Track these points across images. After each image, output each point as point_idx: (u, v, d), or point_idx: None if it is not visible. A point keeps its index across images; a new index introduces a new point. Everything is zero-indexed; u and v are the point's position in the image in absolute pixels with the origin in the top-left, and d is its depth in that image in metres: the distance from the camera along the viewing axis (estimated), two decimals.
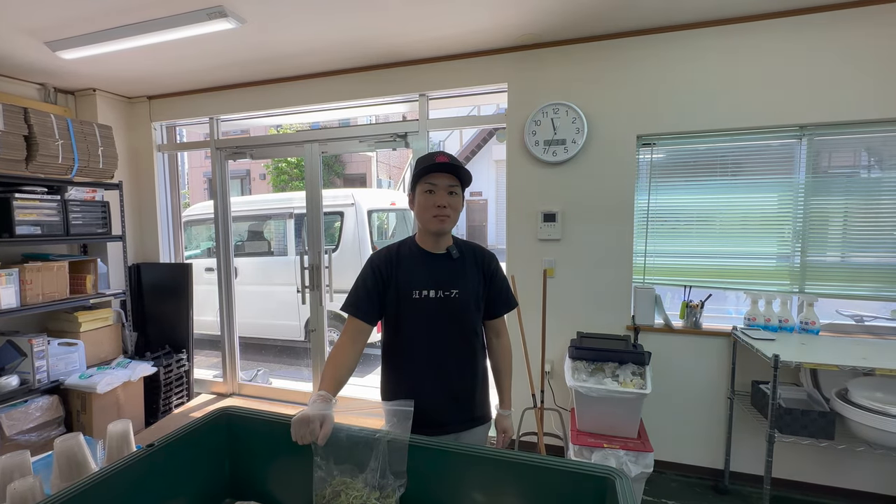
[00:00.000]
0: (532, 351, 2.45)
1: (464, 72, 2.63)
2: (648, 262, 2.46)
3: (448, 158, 1.24)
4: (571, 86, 2.44)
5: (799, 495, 2.24)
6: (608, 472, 0.81)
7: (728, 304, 3.10)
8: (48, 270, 2.62)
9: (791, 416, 1.88)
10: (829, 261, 2.23)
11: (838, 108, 2.09)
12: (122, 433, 1.02)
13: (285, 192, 8.24)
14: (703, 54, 2.24)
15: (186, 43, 2.33)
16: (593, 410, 2.02)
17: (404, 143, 2.88)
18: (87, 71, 2.82)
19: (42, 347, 2.59)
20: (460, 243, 1.36)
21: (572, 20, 2.20)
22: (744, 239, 2.33)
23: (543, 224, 2.53)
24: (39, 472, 0.94)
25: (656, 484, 2.35)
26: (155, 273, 3.44)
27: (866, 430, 1.79)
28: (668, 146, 2.40)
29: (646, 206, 2.44)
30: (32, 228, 2.52)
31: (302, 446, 0.93)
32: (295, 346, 5.09)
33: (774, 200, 2.28)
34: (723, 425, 2.35)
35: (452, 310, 1.28)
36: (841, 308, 2.39)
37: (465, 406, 1.33)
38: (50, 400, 2.63)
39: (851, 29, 2.04)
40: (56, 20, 2.13)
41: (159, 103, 3.38)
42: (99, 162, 2.83)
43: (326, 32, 2.31)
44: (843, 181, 2.21)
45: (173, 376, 3.22)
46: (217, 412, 1.07)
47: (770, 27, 2.14)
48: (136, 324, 3.33)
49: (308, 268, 3.16)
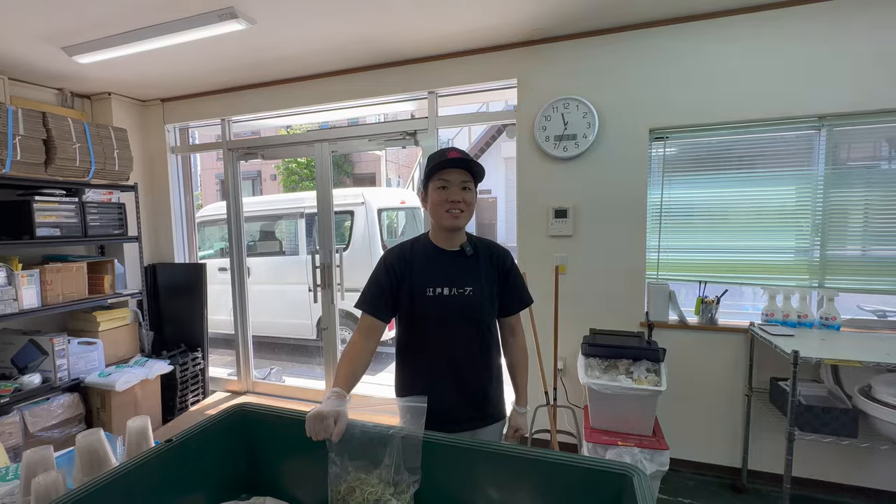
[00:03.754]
0: (545, 348, 2.44)
1: (472, 68, 2.62)
2: (662, 258, 2.43)
3: (460, 154, 1.23)
4: (582, 80, 2.41)
5: (820, 494, 2.19)
6: (626, 469, 0.80)
7: (745, 300, 3.04)
8: (67, 271, 2.68)
9: (812, 413, 1.84)
10: (850, 254, 2.17)
11: (859, 98, 2.03)
12: (140, 429, 1.04)
13: (296, 192, 8.30)
14: (717, 45, 2.19)
15: (198, 45, 2.36)
16: (607, 408, 2.00)
17: (413, 140, 2.88)
18: (102, 75, 2.88)
19: (63, 346, 2.65)
20: (475, 240, 1.35)
21: (582, 13, 2.17)
22: (760, 233, 2.28)
23: (555, 220, 2.51)
24: (62, 466, 0.96)
25: (672, 482, 2.32)
26: (170, 273, 3.50)
27: (891, 427, 1.73)
28: (681, 140, 2.36)
29: (659, 201, 2.40)
30: (52, 230, 2.58)
31: (316, 442, 0.94)
32: (307, 344, 5.13)
33: (792, 193, 2.23)
34: (740, 423, 2.31)
35: (466, 307, 1.27)
36: (863, 303, 2.33)
37: (479, 403, 1.33)
38: (71, 397, 2.69)
39: (874, 15, 1.98)
40: (72, 25, 2.17)
41: (172, 106, 3.43)
42: (115, 164, 2.89)
43: (335, 32, 2.31)
44: (863, 173, 2.16)
45: (189, 374, 3.27)
46: (232, 409, 1.08)
47: (788, 15, 2.08)
48: (152, 323, 3.39)
49: (319, 267, 3.18)
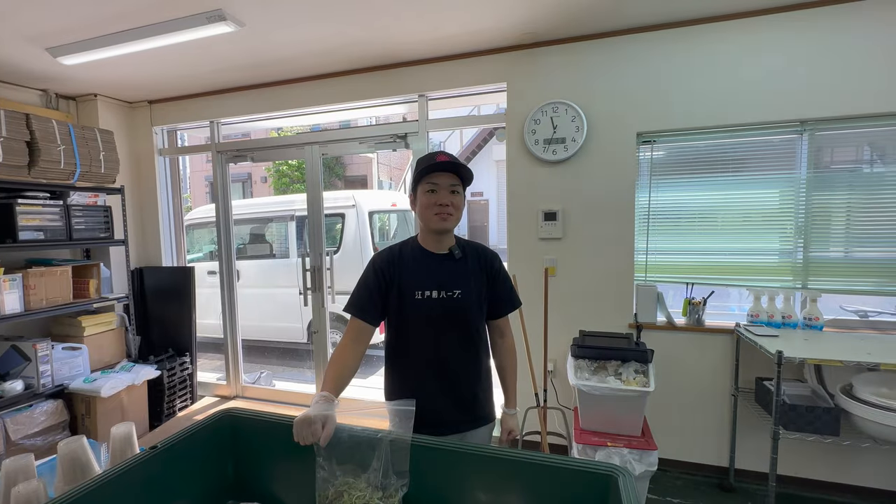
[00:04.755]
0: (534, 350, 2.45)
1: (463, 72, 2.63)
2: (650, 260, 2.46)
3: (449, 157, 1.24)
4: (570, 84, 2.44)
5: (804, 492, 2.23)
6: (611, 470, 0.81)
7: (731, 301, 3.09)
8: (51, 275, 2.63)
9: (795, 412, 1.87)
10: (833, 256, 2.22)
11: (839, 103, 2.08)
12: (125, 436, 1.02)
13: (287, 195, 8.24)
14: (702, 51, 2.24)
15: (186, 47, 2.34)
16: (596, 409, 2.01)
17: (404, 143, 2.88)
18: (88, 76, 2.84)
19: (46, 352, 2.60)
20: (463, 243, 1.35)
21: (571, 18, 2.19)
22: (746, 235, 2.32)
23: (544, 223, 2.52)
24: (44, 475, 0.94)
25: (661, 482, 2.34)
26: (157, 277, 3.45)
27: (872, 425, 1.78)
28: (668, 143, 2.40)
29: (647, 204, 2.43)
30: (35, 234, 2.53)
31: (304, 447, 0.93)
32: (297, 348, 5.10)
33: (776, 196, 2.27)
34: (727, 422, 2.34)
35: (455, 310, 1.28)
36: (845, 304, 2.38)
37: (468, 406, 1.33)
38: (54, 404, 2.64)
39: (851, 23, 2.04)
40: (57, 26, 2.14)
41: (160, 107, 3.40)
42: (101, 167, 2.85)
43: (325, 35, 2.31)
44: (845, 176, 2.20)
45: (177, 379, 3.23)
46: (219, 414, 1.07)
47: (770, 22, 2.13)
48: (139, 327, 3.34)
49: (310, 270, 3.17)
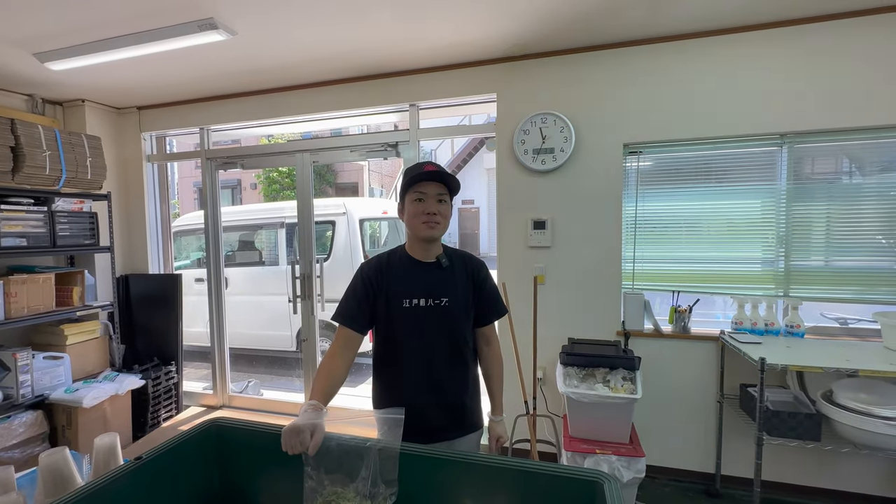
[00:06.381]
0: (524, 357, 2.46)
1: (453, 82, 2.66)
2: (637, 268, 2.49)
3: (436, 167, 1.26)
4: (559, 95, 2.49)
5: (790, 497, 2.26)
6: (597, 476, 0.82)
7: (716, 309, 3.14)
8: (34, 283, 2.58)
9: (778, 418, 1.91)
10: (813, 265, 2.27)
11: (816, 117, 2.15)
12: (108, 447, 1.01)
13: (277, 202, 8.21)
14: (686, 66, 2.30)
15: (177, 54, 2.34)
16: (585, 416, 2.03)
17: (395, 152, 2.90)
18: (75, 82, 2.81)
19: (26, 361, 2.54)
20: (450, 251, 1.37)
21: (558, 32, 2.24)
22: (730, 244, 2.38)
23: (533, 231, 2.55)
24: (23, 487, 0.93)
25: (649, 489, 2.35)
26: (143, 284, 3.40)
27: (851, 430, 1.82)
28: (654, 154, 2.45)
29: (633, 213, 2.48)
30: (18, 240, 2.49)
31: (292, 456, 0.93)
32: (286, 356, 5.04)
33: (758, 206, 2.33)
34: (713, 429, 2.37)
35: (442, 318, 1.29)
36: (825, 311, 2.44)
37: (456, 413, 1.33)
38: (34, 415, 2.57)
39: (825, 41, 2.11)
40: (45, 31, 2.13)
41: (149, 114, 3.37)
42: (87, 173, 2.81)
43: (317, 44, 2.33)
44: (824, 187, 2.27)
45: (162, 389, 3.17)
46: (206, 424, 1.06)
47: (750, 39, 2.20)
48: (123, 336, 3.28)
49: (299, 277, 3.15)
